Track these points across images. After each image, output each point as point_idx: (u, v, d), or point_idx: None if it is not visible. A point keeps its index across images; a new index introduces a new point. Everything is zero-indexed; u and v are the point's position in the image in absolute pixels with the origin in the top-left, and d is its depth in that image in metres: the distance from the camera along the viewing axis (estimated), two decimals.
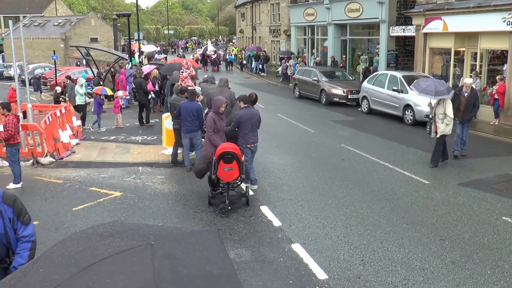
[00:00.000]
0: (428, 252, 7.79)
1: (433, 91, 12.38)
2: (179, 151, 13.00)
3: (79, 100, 18.98)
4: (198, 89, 13.75)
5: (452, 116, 12.48)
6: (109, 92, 19.53)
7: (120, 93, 19.89)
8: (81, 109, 19.01)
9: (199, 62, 46.00)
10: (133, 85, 20.33)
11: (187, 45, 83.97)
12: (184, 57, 43.27)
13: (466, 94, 13.63)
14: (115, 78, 25.92)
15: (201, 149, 10.40)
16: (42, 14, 70.30)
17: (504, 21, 18.19)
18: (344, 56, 31.44)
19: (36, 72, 38.20)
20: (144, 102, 19.05)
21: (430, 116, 13.19)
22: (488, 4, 18.88)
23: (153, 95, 19.88)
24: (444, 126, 12.51)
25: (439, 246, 8.02)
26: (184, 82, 14.45)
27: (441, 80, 13.93)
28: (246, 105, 10.66)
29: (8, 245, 4.46)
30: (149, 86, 19.87)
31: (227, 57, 49.43)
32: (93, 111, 19.23)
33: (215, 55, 48.67)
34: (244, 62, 47.15)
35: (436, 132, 12.87)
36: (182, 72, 14.81)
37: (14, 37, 14.62)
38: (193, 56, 48.36)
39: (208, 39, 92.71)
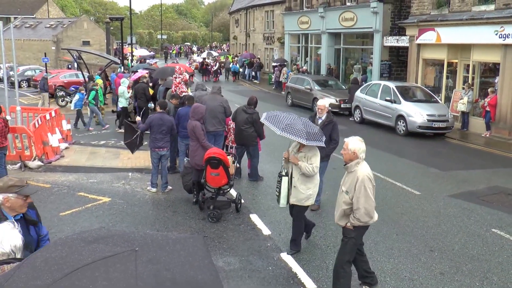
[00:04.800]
0: (418, 263, 7.76)
1: (303, 132, 7.62)
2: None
3: (126, 103, 18.84)
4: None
5: (316, 169, 7.84)
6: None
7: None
8: (124, 111, 18.90)
9: (199, 70, 44.99)
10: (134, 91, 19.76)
11: (170, 51, 76.39)
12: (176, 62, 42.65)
13: (319, 122, 9.80)
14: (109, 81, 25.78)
15: (192, 158, 10.34)
16: (34, 16, 69.90)
17: (496, 34, 18.33)
18: (336, 66, 31.55)
19: (26, 74, 37.94)
20: (144, 108, 18.56)
21: (283, 173, 8.03)
22: (481, 17, 19.01)
23: (152, 104, 19.09)
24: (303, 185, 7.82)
25: (429, 257, 8.00)
26: (178, 88, 14.37)
27: (307, 119, 8.54)
28: (161, 110, 11.15)
29: (36, 248, 4.65)
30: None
31: (230, 66, 45.01)
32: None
33: (214, 63, 45.62)
34: (241, 70, 45.02)
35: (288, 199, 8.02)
36: (175, 78, 14.74)
37: (4, 38, 14.48)
38: (190, 63, 46.01)
39: (196, 47, 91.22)
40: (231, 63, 45.89)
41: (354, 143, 6.28)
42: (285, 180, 7.94)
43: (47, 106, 22.58)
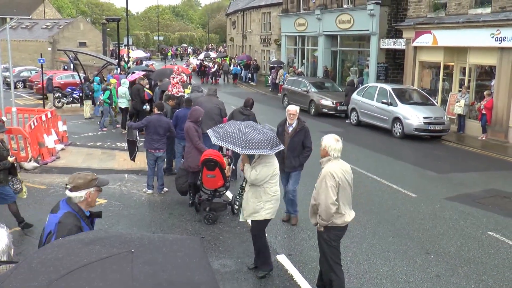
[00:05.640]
0: (414, 266, 7.77)
1: (241, 140, 7.23)
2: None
3: (127, 103, 18.71)
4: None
5: (255, 176, 7.16)
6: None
7: None
8: (126, 112, 18.82)
9: (197, 73, 44.57)
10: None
11: (167, 52, 74.86)
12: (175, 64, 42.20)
13: (290, 129, 9.18)
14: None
15: (185, 160, 10.34)
16: (30, 17, 69.70)
17: (492, 37, 18.38)
18: (332, 68, 31.59)
19: (21, 75, 37.92)
20: (139, 110, 18.38)
21: (243, 184, 7.75)
22: (477, 20, 19.07)
23: (147, 106, 18.25)
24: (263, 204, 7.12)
25: (425, 260, 8.01)
26: (175, 87, 14.36)
27: (265, 126, 8.09)
28: (158, 112, 11.19)
29: None
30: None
31: (231, 68, 43.84)
32: None
33: (212, 65, 43.85)
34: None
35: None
36: (173, 78, 14.73)
37: (0, 39, 14.45)
38: (188, 65, 44.99)
39: (192, 48, 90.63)
40: (231, 65, 44.99)
41: (327, 140, 6.28)
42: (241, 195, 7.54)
43: (53, 108, 22.45)
